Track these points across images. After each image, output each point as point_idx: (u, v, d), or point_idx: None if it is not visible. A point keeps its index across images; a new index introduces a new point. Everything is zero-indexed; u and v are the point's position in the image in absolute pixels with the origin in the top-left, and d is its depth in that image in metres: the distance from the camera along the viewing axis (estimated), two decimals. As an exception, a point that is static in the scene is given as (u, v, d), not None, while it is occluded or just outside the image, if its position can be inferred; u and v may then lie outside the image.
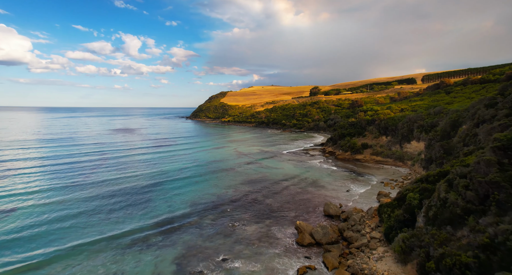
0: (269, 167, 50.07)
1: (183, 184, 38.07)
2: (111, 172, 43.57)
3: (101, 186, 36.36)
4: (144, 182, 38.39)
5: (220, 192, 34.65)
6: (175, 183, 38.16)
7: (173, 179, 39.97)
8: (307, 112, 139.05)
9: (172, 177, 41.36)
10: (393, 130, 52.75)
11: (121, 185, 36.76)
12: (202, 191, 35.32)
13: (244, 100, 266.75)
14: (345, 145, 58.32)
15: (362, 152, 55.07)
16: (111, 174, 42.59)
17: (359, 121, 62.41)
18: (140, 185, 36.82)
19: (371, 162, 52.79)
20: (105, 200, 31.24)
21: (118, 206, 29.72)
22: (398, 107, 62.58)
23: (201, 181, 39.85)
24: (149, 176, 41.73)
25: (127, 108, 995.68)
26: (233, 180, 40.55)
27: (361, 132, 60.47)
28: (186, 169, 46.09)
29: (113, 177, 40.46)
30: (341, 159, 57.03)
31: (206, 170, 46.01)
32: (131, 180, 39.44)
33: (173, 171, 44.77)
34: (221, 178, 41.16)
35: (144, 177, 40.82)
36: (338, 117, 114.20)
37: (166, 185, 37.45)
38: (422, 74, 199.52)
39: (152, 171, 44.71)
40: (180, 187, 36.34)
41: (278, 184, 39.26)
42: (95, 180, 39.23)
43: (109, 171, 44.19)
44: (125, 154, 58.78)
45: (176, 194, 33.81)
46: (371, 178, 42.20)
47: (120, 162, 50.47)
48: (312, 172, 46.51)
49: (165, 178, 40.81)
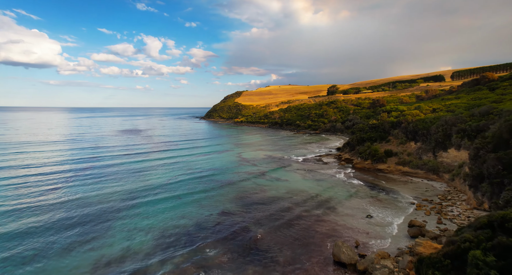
0: (272, 179, 42.33)
1: (161, 205, 30.91)
2: (83, 187, 36.42)
3: (59, 209, 29.28)
4: (115, 203, 31.17)
5: (202, 219, 27.27)
6: (151, 205, 30.95)
7: (152, 199, 32.50)
8: (323, 112, 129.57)
9: (152, 194, 34.22)
10: (424, 135, 43.37)
11: (85, 208, 29.41)
12: (181, 215, 28.16)
13: (259, 100, 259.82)
14: (364, 151, 49.43)
15: (385, 161, 46.04)
16: (82, 190, 35.38)
17: (382, 124, 53.22)
18: (108, 207, 29.85)
19: (397, 173, 43.72)
20: (51, 233, 24.26)
21: (61, 242, 22.97)
22: (429, 107, 52.74)
23: (185, 200, 32.68)
24: (126, 193, 34.62)
25: (147, 108, 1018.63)
26: (224, 199, 33.11)
27: (384, 137, 51.31)
28: (173, 184, 38.89)
29: (81, 195, 33.40)
30: (359, 168, 48.23)
31: (197, 184, 38.88)
32: (101, 198, 32.38)
33: (158, 186, 37.87)
34: (211, 197, 33.79)
35: (119, 195, 33.83)
36: (357, 118, 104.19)
37: (140, 206, 30.46)
38: (452, 71, 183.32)
39: (133, 186, 37.44)
40: (155, 211, 29.14)
41: (277, 203, 31.47)
42: (56, 199, 32.27)
43: (82, 185, 37.35)
44: (113, 162, 52.67)
45: (146, 221, 26.71)
46: (398, 196, 33.47)
47: (102, 173, 44.02)
48: (324, 186, 38.32)
49: (144, 196, 33.40)
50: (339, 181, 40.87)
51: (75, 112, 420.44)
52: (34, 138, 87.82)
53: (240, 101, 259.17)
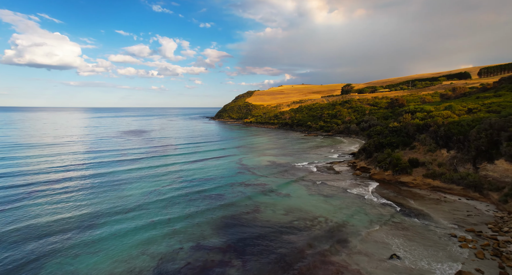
0: (271, 194, 35.32)
1: (125, 233, 24.46)
2: (34, 209, 29.67)
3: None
4: (64, 234, 23.46)
5: (169, 256, 20.50)
6: (111, 234, 24.22)
7: (116, 226, 25.44)
8: (336, 112, 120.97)
9: (120, 218, 27.35)
10: (461, 142, 35.14)
11: (21, 245, 22.38)
12: (143, 250, 21.63)
13: (270, 100, 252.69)
14: (384, 160, 41.54)
15: (410, 172, 38.03)
16: (30, 214, 28.52)
17: (405, 127, 45.08)
18: (50, 242, 22.76)
19: (425, 187, 35.70)
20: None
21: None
22: (462, 107, 44.14)
23: (159, 225, 26.18)
24: (89, 217, 27.44)
25: (162, 109, 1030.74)
26: (207, 225, 26.32)
27: (407, 143, 43.20)
28: (151, 203, 31.95)
29: (25, 224, 25.90)
30: (378, 180, 40.42)
31: (179, 203, 32.32)
32: (50, 228, 25.16)
33: (132, 206, 31.35)
34: (191, 221, 27.01)
35: (76, 221, 26.08)
36: (374, 119, 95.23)
37: (94, 237, 24.01)
38: (478, 68, 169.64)
39: (101, 207, 29.86)
40: (112, 243, 22.59)
41: (271, 232, 24.43)
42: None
43: (33, 206, 30.43)
44: (95, 171, 46.21)
45: (92, 258, 20.31)
46: (431, 222, 25.73)
47: (73, 187, 37.02)
48: (334, 205, 30.96)
49: (109, 221, 26.48)
50: (354, 197, 33.35)
51: (90, 112, 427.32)
52: (25, 139, 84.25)
53: (251, 101, 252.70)
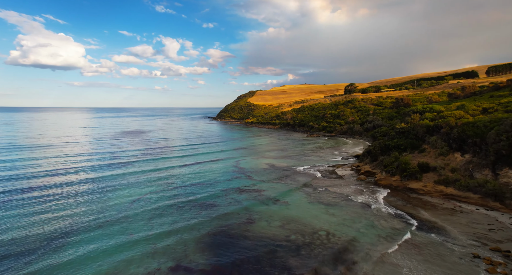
0: (267, 202, 32.27)
1: (98, 249, 21.65)
2: (4, 223, 26.05)
3: None
4: (25, 256, 20.66)
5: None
6: (82, 249, 21.63)
7: (83, 245, 22.23)
8: (339, 112, 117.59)
9: (96, 232, 24.16)
10: (477, 145, 31.85)
11: None
12: (114, 271, 18.78)
13: (272, 100, 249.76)
14: (391, 164, 38.32)
15: (419, 178, 34.77)
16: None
17: (413, 128, 41.79)
18: (7, 266, 20.38)
19: (436, 195, 32.43)
20: None
21: None
22: (476, 107, 40.77)
23: (137, 239, 23.25)
24: (62, 230, 24.36)
25: (165, 109, 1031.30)
26: (191, 240, 23.30)
27: (416, 145, 39.92)
28: (133, 215, 28.41)
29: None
30: (384, 186, 37.21)
31: (164, 213, 29.31)
32: (10, 250, 21.21)
33: (113, 217, 28.50)
34: (174, 235, 23.93)
35: (46, 236, 22.78)
36: (378, 119, 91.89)
37: (64, 252, 21.38)
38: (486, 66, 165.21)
39: (76, 220, 26.35)
40: (81, 261, 19.90)
41: (263, 250, 21.41)
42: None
43: (8, 218, 26.94)
44: (78, 177, 43.21)
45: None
46: (447, 238, 22.54)
47: (57, 194, 34.05)
48: (337, 215, 27.84)
49: (79, 238, 23.03)
50: (358, 206, 30.20)
51: (93, 113, 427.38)
52: (18, 140, 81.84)
53: (253, 101, 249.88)
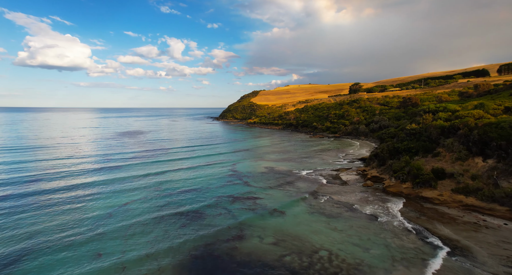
0: (262, 212, 28.63)
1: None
2: None
3: None
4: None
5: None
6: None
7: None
8: (344, 112, 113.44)
9: (48, 257, 20.33)
10: (502, 149, 27.88)
11: None
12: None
13: (276, 100, 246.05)
14: (401, 169, 34.43)
15: (434, 185, 30.86)
16: None
17: (426, 129, 37.82)
18: None
19: (454, 205, 28.50)
20: None
21: None
22: (497, 106, 36.67)
23: (105, 261, 19.94)
24: (10, 259, 20.29)
25: (170, 109, 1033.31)
26: (169, 260, 19.87)
27: (429, 148, 35.96)
28: (107, 232, 24.69)
29: None
30: (393, 193, 33.35)
31: (145, 227, 25.81)
32: None
33: (80, 233, 25.20)
34: (149, 257, 20.66)
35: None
36: (385, 119, 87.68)
37: None
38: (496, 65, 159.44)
39: (33, 242, 24.31)
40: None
41: (250, 272, 17.82)
42: None
43: None
44: (67, 183, 40.47)
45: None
46: (474, 263, 18.69)
47: (28, 204, 30.40)
48: (340, 230, 24.11)
49: (33, 265, 19.54)
50: (365, 218, 26.44)
51: (98, 113, 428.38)
52: (10, 141, 79.27)
53: (256, 101, 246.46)
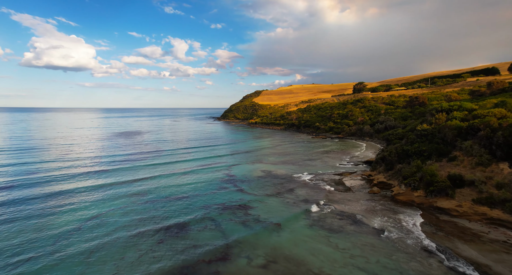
0: (254, 225, 25.08)
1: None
2: None
3: None
4: None
5: None
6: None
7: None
8: (347, 112, 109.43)
9: None
10: (532, 153, 24.04)
11: None
12: None
13: (278, 99, 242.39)
14: (412, 174, 30.63)
15: (451, 194, 27.05)
16: None
17: (439, 130, 33.97)
18: None
19: (476, 218, 24.69)
20: None
21: None
22: (520, 104, 32.74)
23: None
24: None
25: (173, 109, 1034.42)
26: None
27: (444, 152, 32.11)
28: (66, 257, 21.91)
29: None
30: (403, 202, 29.58)
31: (115, 244, 22.44)
32: None
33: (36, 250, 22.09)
34: None
35: None
36: (391, 119, 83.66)
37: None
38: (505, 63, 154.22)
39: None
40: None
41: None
42: None
43: None
44: (44, 190, 37.42)
45: None
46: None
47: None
48: (341, 248, 20.44)
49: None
50: (372, 233, 22.72)
51: (101, 113, 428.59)
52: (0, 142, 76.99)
53: (259, 101, 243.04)
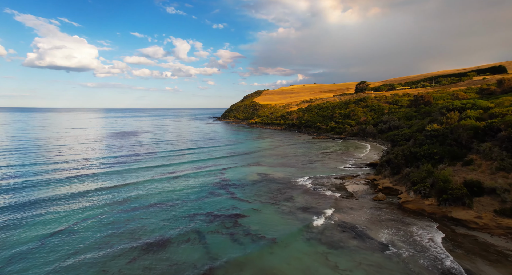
0: (243, 239, 21.99)
1: None
2: None
3: None
4: None
5: None
6: None
7: None
8: (349, 112, 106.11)
9: None
10: None
11: None
12: None
13: (279, 99, 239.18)
14: (422, 180, 27.41)
15: (469, 204, 23.82)
16: None
17: (452, 131, 30.74)
18: None
19: (499, 232, 21.47)
20: None
21: None
22: (543, 101, 29.46)
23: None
24: None
25: (175, 109, 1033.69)
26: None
27: (458, 155, 28.88)
28: None
29: None
30: (412, 211, 26.38)
31: (79, 263, 19.61)
32: None
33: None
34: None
35: None
36: (395, 119, 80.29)
37: None
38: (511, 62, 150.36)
39: None
40: None
41: None
42: None
43: None
44: (15, 199, 35.37)
45: None
46: None
47: None
48: (342, 268, 17.33)
49: None
50: (378, 250, 19.56)
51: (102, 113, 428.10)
52: None
53: (260, 100, 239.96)
